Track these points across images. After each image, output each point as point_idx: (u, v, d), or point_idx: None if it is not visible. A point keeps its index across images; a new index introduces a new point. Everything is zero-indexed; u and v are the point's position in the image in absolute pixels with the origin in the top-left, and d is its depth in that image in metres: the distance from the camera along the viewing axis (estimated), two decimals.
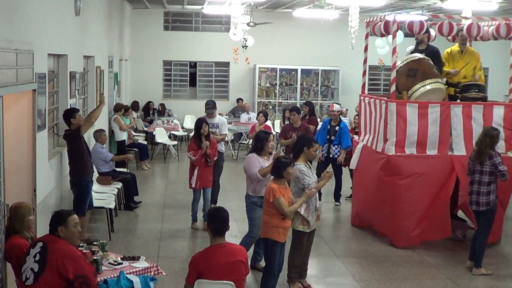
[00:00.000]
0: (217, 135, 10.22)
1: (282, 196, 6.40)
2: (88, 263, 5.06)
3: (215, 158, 9.65)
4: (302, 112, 11.26)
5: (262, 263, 7.34)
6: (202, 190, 9.52)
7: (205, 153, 9.30)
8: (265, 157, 7.46)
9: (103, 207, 8.93)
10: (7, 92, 5.63)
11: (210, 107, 10.48)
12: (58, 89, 8.60)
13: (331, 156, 10.95)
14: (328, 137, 11.03)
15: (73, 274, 4.84)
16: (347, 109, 15.55)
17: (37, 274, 4.81)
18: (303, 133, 10.15)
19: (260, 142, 7.47)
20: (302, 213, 6.79)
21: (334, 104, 11.30)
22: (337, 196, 11.28)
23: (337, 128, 11.00)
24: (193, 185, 9.44)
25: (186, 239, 9.07)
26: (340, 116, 11.38)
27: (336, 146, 10.94)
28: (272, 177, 6.65)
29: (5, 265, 5.50)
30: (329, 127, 11.11)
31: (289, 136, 10.43)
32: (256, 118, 12.41)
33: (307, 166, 7.00)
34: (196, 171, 9.39)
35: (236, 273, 4.96)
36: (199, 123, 9.42)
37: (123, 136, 12.96)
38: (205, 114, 10.46)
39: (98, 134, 10.04)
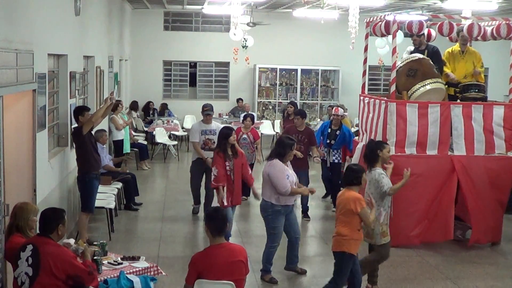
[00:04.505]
0: (214, 142, 9.51)
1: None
2: (81, 262, 5.05)
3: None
4: (285, 111, 10.99)
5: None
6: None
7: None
8: (286, 164, 7.10)
9: (103, 207, 8.92)
10: (7, 92, 5.63)
11: (209, 109, 10.10)
12: (58, 89, 8.59)
13: (331, 161, 10.61)
14: (328, 141, 10.64)
15: (66, 275, 4.85)
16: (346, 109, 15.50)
17: (32, 278, 4.82)
18: (308, 137, 10.09)
19: (283, 149, 7.06)
20: (381, 221, 6.68)
21: (339, 108, 10.94)
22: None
23: (337, 132, 10.60)
24: (225, 203, 7.92)
25: (186, 239, 9.06)
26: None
27: (335, 151, 10.59)
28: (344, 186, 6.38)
29: (5, 265, 5.50)
30: (329, 130, 10.69)
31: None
32: (242, 122, 11.35)
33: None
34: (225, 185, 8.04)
35: (236, 273, 4.96)
36: (228, 131, 8.09)
37: (119, 135, 12.96)
38: (203, 118, 10.04)
39: (99, 134, 10.03)
